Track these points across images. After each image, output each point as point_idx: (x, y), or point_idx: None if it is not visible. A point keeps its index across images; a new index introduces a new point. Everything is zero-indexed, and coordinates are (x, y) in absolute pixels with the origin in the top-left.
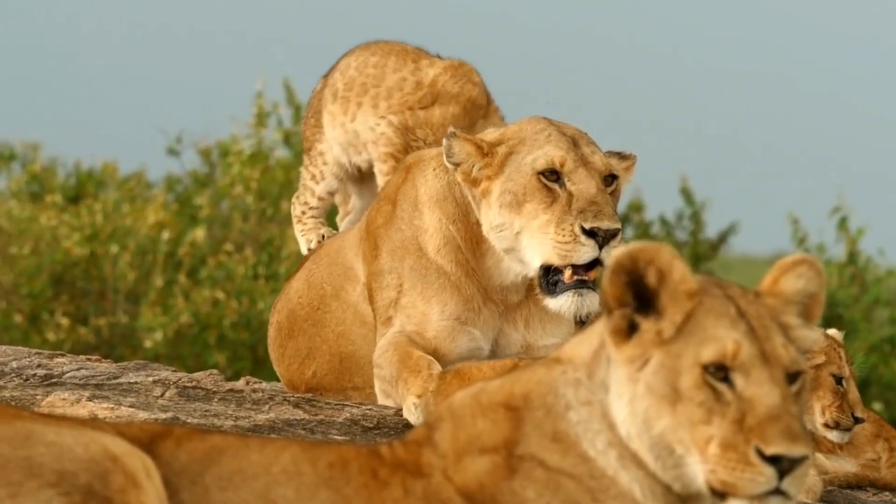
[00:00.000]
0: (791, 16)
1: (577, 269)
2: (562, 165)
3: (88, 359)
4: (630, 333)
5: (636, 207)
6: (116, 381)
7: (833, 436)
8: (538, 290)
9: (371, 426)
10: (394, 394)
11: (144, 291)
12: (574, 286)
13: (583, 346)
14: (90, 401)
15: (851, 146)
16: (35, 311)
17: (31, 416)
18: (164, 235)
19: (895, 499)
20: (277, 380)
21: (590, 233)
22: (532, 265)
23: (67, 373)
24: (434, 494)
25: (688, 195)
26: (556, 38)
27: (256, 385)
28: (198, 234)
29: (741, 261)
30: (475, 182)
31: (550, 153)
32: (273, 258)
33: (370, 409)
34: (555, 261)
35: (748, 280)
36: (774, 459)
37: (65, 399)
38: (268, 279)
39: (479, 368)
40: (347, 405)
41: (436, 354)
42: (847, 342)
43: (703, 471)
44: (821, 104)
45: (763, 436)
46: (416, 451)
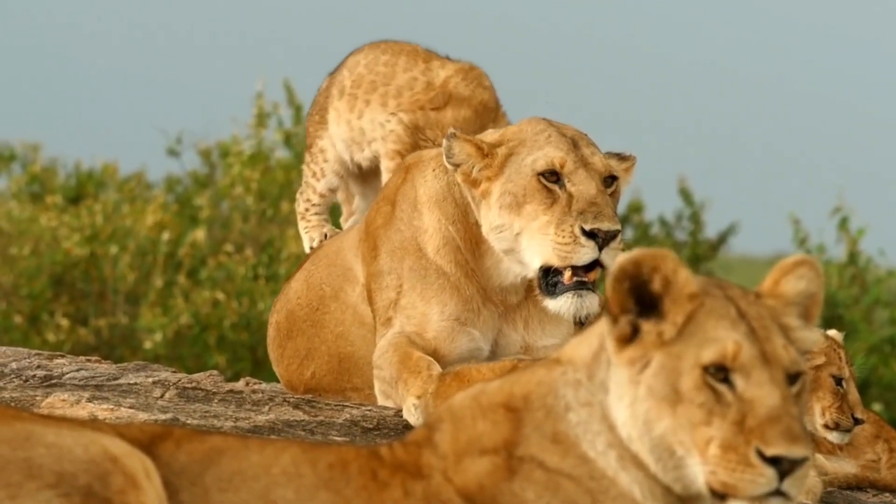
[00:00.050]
0: (791, 16)
1: (577, 271)
2: (562, 166)
3: (88, 360)
4: (632, 337)
5: (635, 208)
6: (116, 382)
7: (833, 437)
8: (538, 291)
9: (371, 427)
10: (393, 395)
11: (144, 292)
12: (574, 287)
13: (582, 347)
14: (90, 402)
15: (851, 146)
16: (35, 312)
17: (31, 418)
18: (164, 236)
19: (895, 500)
20: (277, 381)
21: (590, 234)
22: (532, 266)
23: (67, 374)
24: (434, 495)
25: (687, 196)
26: (556, 39)
27: (256, 386)
28: (198, 235)
29: (741, 261)
30: (475, 183)
31: (550, 154)
32: (273, 259)
33: (370, 410)
34: (555, 262)
35: (748, 281)
36: (775, 460)
37: (64, 400)
38: (268, 280)
39: (479, 370)
40: (347, 406)
41: (435, 355)
42: (847, 343)
43: (704, 472)
44: (820, 104)
45: (763, 437)
46: (416, 453)
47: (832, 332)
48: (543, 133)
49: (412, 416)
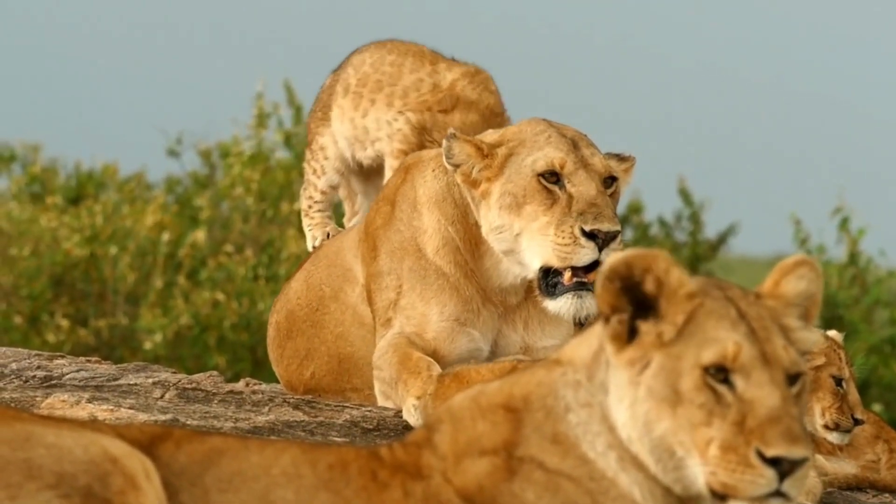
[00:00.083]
0: (791, 16)
1: (577, 271)
2: (562, 167)
3: (88, 360)
4: (630, 338)
5: (635, 209)
6: (116, 383)
7: (833, 437)
8: (537, 292)
9: (371, 428)
10: (393, 395)
11: (144, 293)
12: (573, 288)
13: (582, 348)
14: (90, 402)
15: (851, 146)
16: (35, 313)
17: (31, 418)
18: (164, 237)
19: (895, 500)
20: (277, 382)
21: (590, 235)
22: (531, 267)
23: (67, 374)
24: (433, 496)
25: (686, 196)
26: (555, 39)
27: (256, 387)
28: (198, 236)
29: (741, 262)
30: (475, 183)
31: (550, 155)
32: (273, 259)
33: (370, 411)
34: (554, 263)
35: (748, 281)
36: (775, 461)
37: (64, 401)
38: (268, 280)
39: (478, 371)
40: (347, 407)
41: (435, 355)
42: (847, 343)
43: (704, 473)
44: (820, 104)
45: (763, 437)
46: (416, 453)
47: (832, 333)
48: (543, 134)
49: (412, 417)
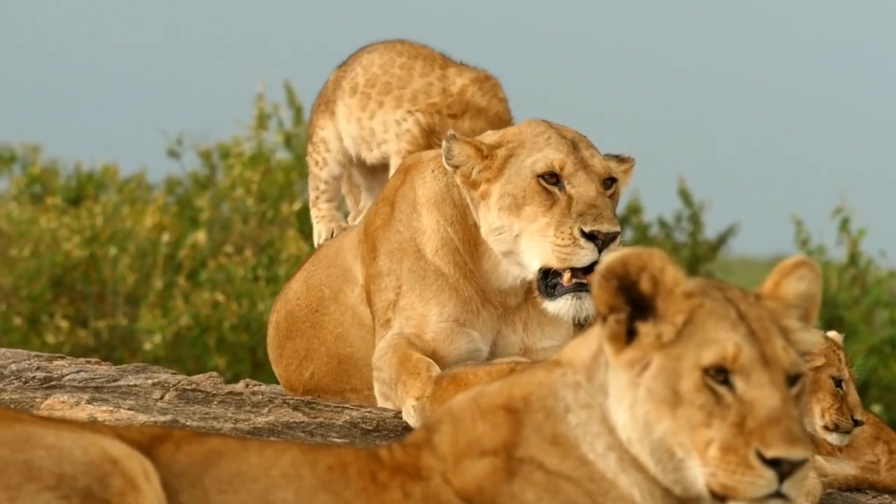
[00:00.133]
0: (792, 17)
1: (576, 273)
2: (561, 168)
3: (88, 361)
4: (629, 339)
5: (634, 209)
6: (116, 384)
7: (832, 438)
8: (537, 293)
9: (370, 429)
10: (393, 396)
11: (144, 294)
12: (573, 289)
13: (582, 349)
14: (89, 403)
15: (852, 147)
16: (34, 314)
17: (31, 419)
18: (164, 238)
19: (895, 501)
20: (277, 383)
21: (589, 236)
22: (531, 268)
23: (67, 375)
24: (433, 497)
25: (686, 197)
26: (555, 41)
27: (256, 388)
28: (198, 237)
29: (741, 263)
30: (474, 184)
31: (550, 156)
32: (273, 260)
33: (369, 412)
34: (554, 264)
35: (748, 282)
36: (775, 462)
37: (64, 402)
38: (268, 281)
39: (476, 374)
40: (347, 408)
41: (434, 356)
42: (847, 344)
43: (704, 474)
44: (820, 105)
45: (763, 439)
46: (416, 454)
47: (832, 334)
48: (543, 135)
49: (411, 418)
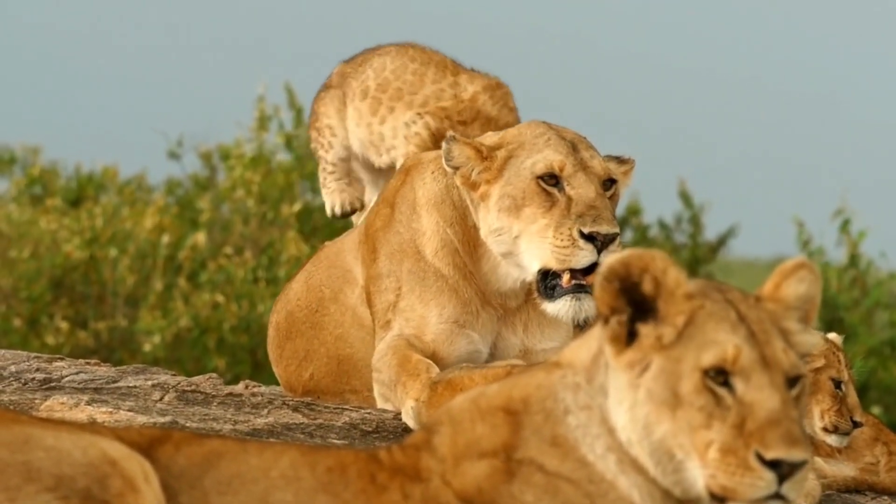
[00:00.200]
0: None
1: (576, 274)
2: (561, 170)
3: (87, 363)
4: (630, 340)
5: (634, 211)
6: (115, 385)
7: (832, 440)
8: (536, 295)
9: (370, 430)
10: (392, 397)
11: (144, 295)
12: (572, 290)
13: (582, 351)
14: (89, 405)
15: (852, 149)
16: (34, 315)
17: (30, 421)
18: (164, 239)
19: (894, 503)
20: (277, 384)
21: (588, 237)
22: (530, 269)
23: (66, 377)
24: (433, 499)
25: (686, 198)
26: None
27: (255, 389)
28: (198, 238)
29: (741, 264)
30: (474, 186)
31: (550, 157)
32: (273, 261)
33: (369, 413)
34: (553, 265)
35: (748, 283)
36: (774, 464)
37: (63, 403)
38: (268, 283)
39: (471, 378)
40: (346, 409)
41: (434, 358)
42: (847, 345)
43: (703, 475)
44: (820, 107)
45: (763, 440)
46: (415, 456)
47: (832, 336)
48: (543, 136)
49: (411, 419)
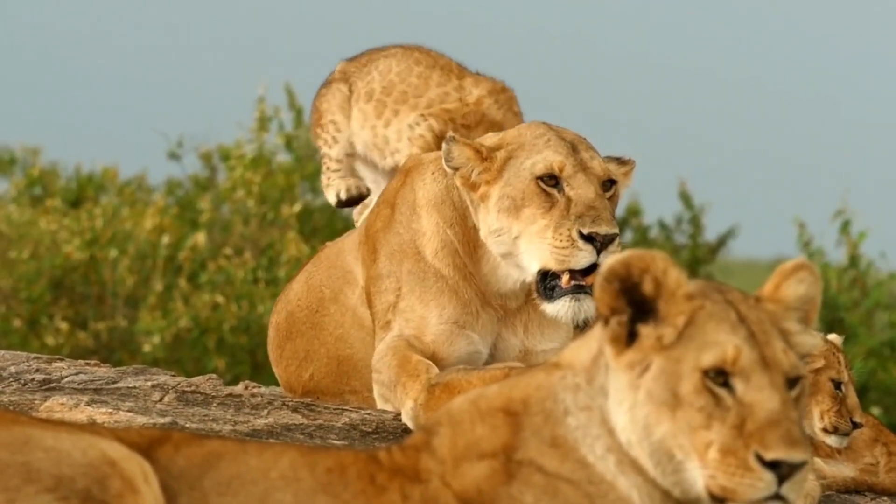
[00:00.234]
0: (793, 19)
1: (575, 274)
2: (560, 170)
3: (87, 363)
4: (630, 341)
5: (635, 212)
6: (115, 386)
7: (831, 441)
8: (536, 295)
9: (370, 431)
10: (392, 398)
11: (144, 296)
12: (571, 291)
13: (582, 351)
14: (88, 405)
15: (852, 150)
16: (34, 316)
17: (30, 421)
18: (164, 240)
19: (893, 503)
20: (276, 384)
21: (588, 238)
22: (530, 270)
23: (66, 377)
24: (432, 500)
25: (686, 199)
26: (555, 43)
27: (255, 390)
28: (198, 239)
29: (741, 265)
30: (474, 186)
31: (549, 158)
32: (273, 262)
33: (369, 414)
34: (552, 266)
35: (748, 284)
36: (774, 465)
37: (63, 404)
38: (268, 283)
39: (469, 381)
40: (346, 410)
41: (434, 358)
42: (847, 346)
43: (703, 476)
44: (821, 108)
45: (763, 441)
46: (415, 457)
47: (832, 337)
48: (543, 137)
49: (410, 420)
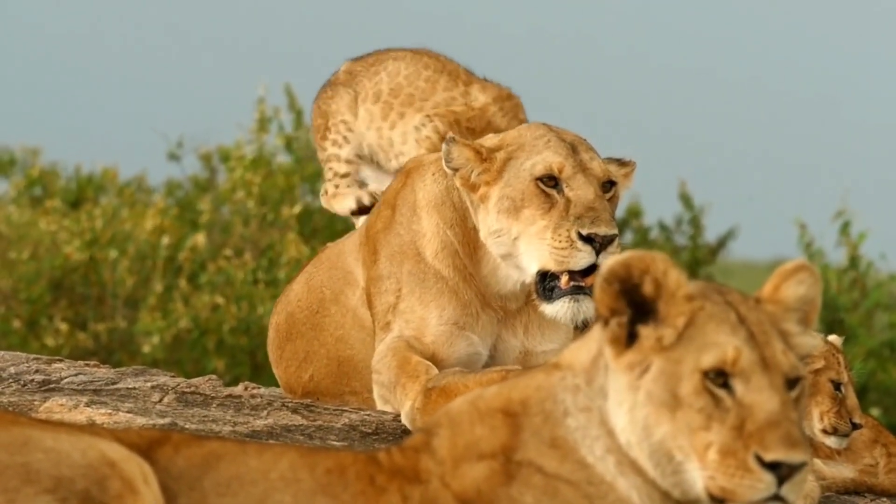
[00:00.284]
0: (793, 20)
1: (574, 275)
2: (560, 171)
3: (87, 364)
4: (630, 342)
5: (635, 213)
6: (115, 387)
7: (831, 441)
8: (535, 296)
9: (369, 432)
10: (392, 399)
11: (144, 297)
12: (571, 292)
13: (582, 352)
14: (88, 406)
15: (852, 151)
16: (34, 317)
17: (29, 422)
18: (164, 241)
19: None
20: (276, 385)
21: (587, 238)
22: (529, 271)
23: (65, 378)
24: (431, 501)
25: (686, 200)
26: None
27: (255, 390)
28: (198, 240)
29: (741, 266)
30: (474, 187)
31: (549, 159)
32: (273, 263)
33: (368, 415)
34: (551, 266)
35: (748, 285)
36: (773, 466)
37: (63, 405)
38: (268, 284)
39: (466, 385)
40: (346, 411)
41: (434, 359)
42: (846, 347)
43: (703, 477)
44: (820, 109)
45: (762, 442)
46: (414, 458)
47: (832, 338)
48: (543, 138)
49: (410, 422)
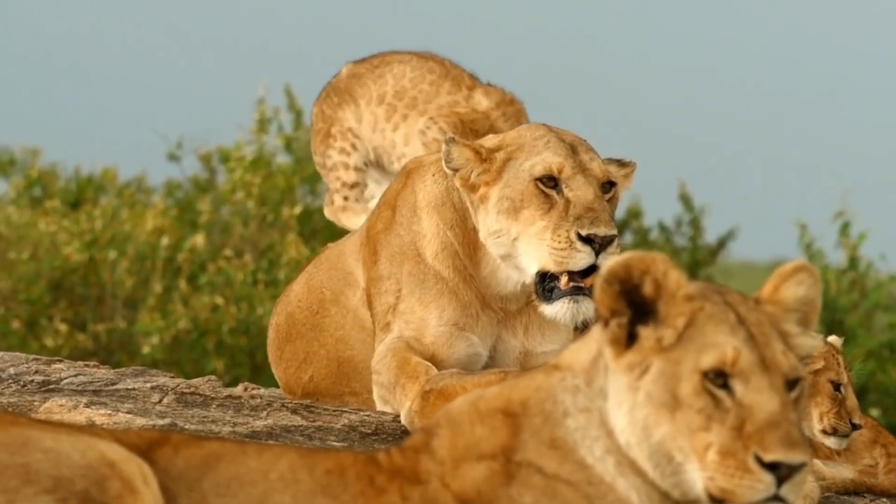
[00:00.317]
0: (793, 21)
1: (574, 276)
2: (560, 172)
3: (86, 365)
4: (629, 343)
5: (635, 214)
6: (114, 388)
7: (830, 442)
8: (534, 297)
9: (369, 432)
10: (392, 400)
11: (143, 297)
12: (570, 293)
13: (581, 353)
14: (88, 407)
15: (852, 150)
16: (33, 317)
17: (29, 423)
18: (164, 241)
19: None
20: (276, 386)
21: (586, 239)
22: (528, 272)
23: (65, 379)
24: (431, 501)
25: (686, 201)
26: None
27: (254, 391)
28: (197, 240)
29: (741, 266)
30: (473, 188)
31: (548, 160)
32: (272, 264)
33: (368, 416)
34: (551, 267)
35: (748, 286)
36: (773, 466)
37: (62, 405)
38: (267, 285)
39: (464, 388)
40: (346, 411)
41: (434, 360)
42: (846, 348)
43: (702, 478)
44: (820, 109)
45: (762, 443)
46: (414, 458)
47: (832, 338)
48: (542, 138)
49: (409, 423)
